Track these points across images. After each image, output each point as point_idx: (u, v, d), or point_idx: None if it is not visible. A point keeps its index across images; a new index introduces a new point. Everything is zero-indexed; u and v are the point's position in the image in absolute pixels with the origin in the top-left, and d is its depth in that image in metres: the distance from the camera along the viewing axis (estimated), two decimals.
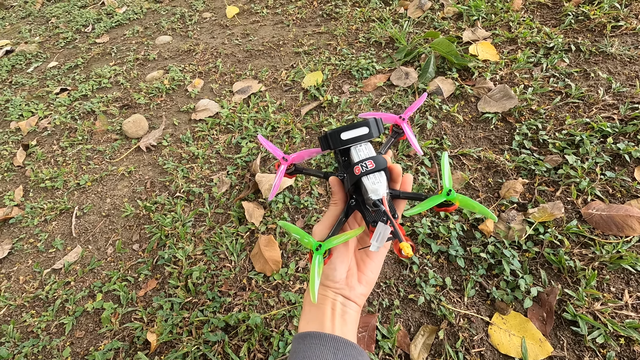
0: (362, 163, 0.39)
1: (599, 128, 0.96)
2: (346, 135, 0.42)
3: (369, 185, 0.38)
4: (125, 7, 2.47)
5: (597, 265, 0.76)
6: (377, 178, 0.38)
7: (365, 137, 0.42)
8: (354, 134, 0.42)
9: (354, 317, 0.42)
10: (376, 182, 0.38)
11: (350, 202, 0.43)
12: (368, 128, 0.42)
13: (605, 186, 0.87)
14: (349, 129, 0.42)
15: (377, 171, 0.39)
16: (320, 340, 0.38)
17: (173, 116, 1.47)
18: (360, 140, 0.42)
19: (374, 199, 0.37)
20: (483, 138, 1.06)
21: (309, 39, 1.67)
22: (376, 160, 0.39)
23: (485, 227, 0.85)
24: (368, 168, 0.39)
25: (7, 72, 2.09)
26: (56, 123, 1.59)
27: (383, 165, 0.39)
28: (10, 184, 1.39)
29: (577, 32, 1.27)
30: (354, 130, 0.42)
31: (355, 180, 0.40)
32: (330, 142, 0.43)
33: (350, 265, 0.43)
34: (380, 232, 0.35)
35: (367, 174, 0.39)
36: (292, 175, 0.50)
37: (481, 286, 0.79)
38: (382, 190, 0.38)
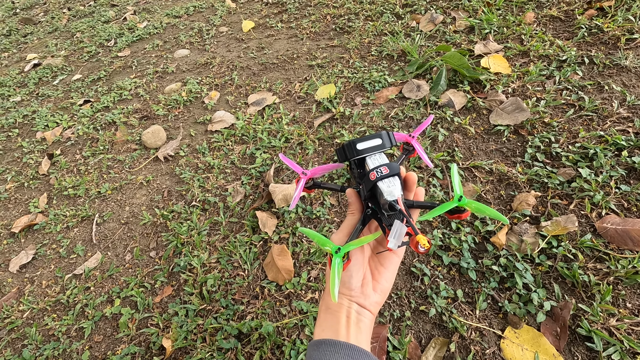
0: (377, 169, 0.43)
1: (613, 141, 0.96)
2: (362, 145, 0.46)
3: (384, 188, 0.41)
4: (145, 22, 2.57)
5: (612, 280, 0.75)
6: (392, 182, 0.41)
7: (379, 147, 0.46)
8: (369, 144, 0.46)
9: (368, 325, 0.42)
10: (391, 185, 0.41)
11: (367, 211, 0.46)
12: (381, 139, 0.46)
13: (620, 200, 0.86)
14: (363, 140, 0.46)
15: (392, 176, 0.42)
16: (335, 347, 0.39)
17: (190, 127, 1.52)
18: (374, 151, 0.46)
19: (390, 200, 0.40)
20: (495, 150, 1.07)
21: (322, 52, 1.71)
22: (390, 166, 0.43)
23: (497, 240, 0.85)
24: (383, 173, 0.42)
25: (34, 84, 2.20)
26: (79, 133, 1.66)
27: (396, 170, 0.42)
28: (35, 192, 1.45)
29: (590, 44, 1.27)
30: (369, 141, 0.46)
31: (371, 186, 0.43)
32: (347, 153, 0.46)
33: (365, 273, 0.44)
34: (397, 229, 0.37)
35: (382, 178, 0.42)
36: (311, 190, 0.53)
37: (493, 299, 0.79)
38: (397, 192, 0.40)
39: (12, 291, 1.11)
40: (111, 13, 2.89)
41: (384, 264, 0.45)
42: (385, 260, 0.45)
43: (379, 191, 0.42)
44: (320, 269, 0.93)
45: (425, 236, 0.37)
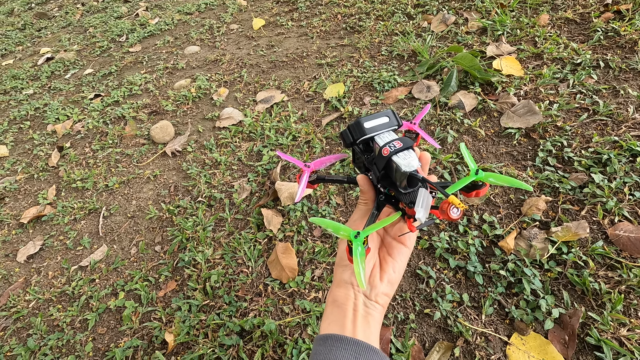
0: (390, 144, 0.39)
1: (628, 147, 0.93)
2: (369, 124, 0.42)
3: (400, 162, 0.37)
4: (157, 18, 2.59)
5: (624, 289, 0.73)
6: (408, 154, 0.38)
7: (387, 125, 0.43)
8: (376, 122, 0.42)
9: (377, 319, 0.40)
10: (408, 157, 0.38)
11: (380, 197, 0.43)
12: (388, 117, 0.43)
13: (634, 207, 0.84)
14: (370, 118, 0.42)
15: (406, 149, 0.39)
16: (342, 343, 0.38)
17: (198, 123, 1.53)
18: (382, 129, 0.42)
19: (409, 171, 0.37)
20: (505, 153, 1.05)
21: (332, 51, 1.70)
22: (403, 140, 0.40)
23: (505, 244, 0.84)
24: (397, 147, 0.39)
25: (47, 77, 2.23)
26: (89, 127, 1.67)
27: (410, 143, 0.39)
28: (45, 183, 1.47)
29: (606, 48, 1.24)
30: (375, 119, 0.43)
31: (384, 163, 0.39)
32: (353, 134, 0.43)
33: (375, 264, 0.43)
34: (423, 198, 0.34)
35: (396, 152, 0.38)
36: (315, 185, 0.50)
37: (500, 304, 0.77)
38: (416, 163, 0.37)
39: (19, 281, 1.12)
40: (124, 9, 2.92)
41: (392, 254, 0.43)
42: (394, 251, 0.43)
43: (395, 166, 0.38)
44: (325, 268, 0.92)
45: None
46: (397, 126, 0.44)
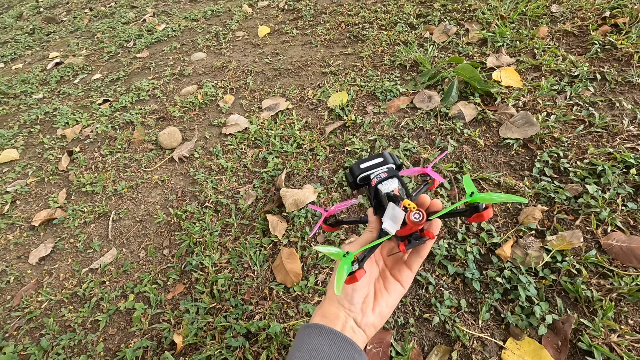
0: (377, 175, 0.47)
1: (622, 159, 0.97)
2: (364, 164, 0.50)
3: (383, 188, 0.45)
4: (164, 24, 2.64)
5: (615, 296, 0.76)
6: (390, 181, 0.46)
7: (381, 164, 0.50)
8: (371, 162, 0.50)
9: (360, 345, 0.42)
10: (388, 183, 0.45)
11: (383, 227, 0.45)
12: (382, 157, 0.51)
13: (626, 217, 0.87)
14: (365, 160, 0.51)
15: (390, 178, 0.46)
16: (321, 331, 0.41)
17: (205, 129, 1.57)
18: (377, 168, 0.49)
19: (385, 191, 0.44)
20: (503, 163, 1.08)
21: (335, 59, 1.74)
22: (389, 171, 0.48)
23: (502, 252, 0.87)
24: (381, 177, 0.47)
25: (56, 82, 2.28)
26: (98, 132, 1.71)
27: (394, 174, 0.47)
28: (55, 187, 1.51)
29: (603, 61, 1.28)
30: (371, 160, 0.50)
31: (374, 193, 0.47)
32: (353, 173, 0.50)
33: (369, 293, 0.45)
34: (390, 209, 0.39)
35: (381, 181, 0.46)
36: (335, 228, 0.55)
37: (496, 310, 0.80)
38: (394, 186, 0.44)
39: (32, 282, 1.16)
40: (131, 14, 2.97)
41: (388, 289, 0.45)
42: (390, 287, 0.45)
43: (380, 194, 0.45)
44: (328, 273, 0.96)
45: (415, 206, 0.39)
46: (394, 164, 0.50)
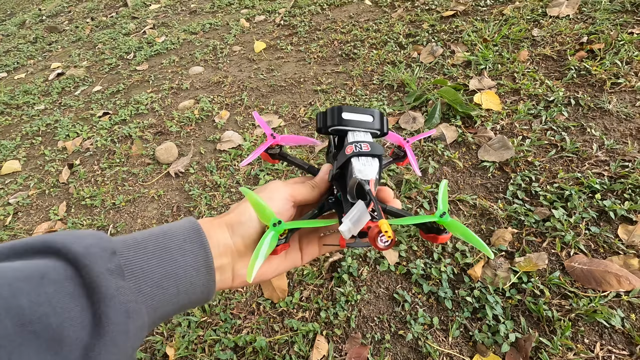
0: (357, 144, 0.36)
1: (588, 184, 1.03)
2: (348, 115, 0.39)
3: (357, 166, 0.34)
4: (164, 36, 2.71)
5: (574, 316, 0.82)
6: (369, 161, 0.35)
7: (367, 125, 0.39)
8: (357, 117, 0.39)
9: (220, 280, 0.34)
10: (367, 164, 0.35)
11: (329, 198, 0.39)
12: (372, 117, 0.40)
13: (588, 241, 0.94)
14: (352, 110, 0.39)
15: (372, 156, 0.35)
16: (196, 242, 0.32)
17: (200, 145, 1.63)
18: (360, 127, 0.39)
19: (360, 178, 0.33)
20: (480, 185, 1.15)
21: (327, 77, 1.81)
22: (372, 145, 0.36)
23: (473, 272, 0.93)
24: (362, 149, 0.35)
25: (57, 93, 2.34)
26: (98, 145, 1.78)
27: (379, 152, 0.36)
28: (56, 199, 1.57)
29: (578, 86, 1.35)
30: (358, 114, 0.39)
31: (343, 161, 0.36)
32: (328, 118, 0.39)
33: None
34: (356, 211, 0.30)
35: (359, 155, 0.35)
36: (275, 160, 0.47)
37: (465, 328, 0.87)
38: (372, 174, 0.34)
39: None
40: (131, 26, 3.04)
41: (286, 254, 0.39)
42: (290, 253, 0.39)
43: (350, 169, 0.35)
44: (312, 290, 1.02)
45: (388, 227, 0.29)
46: (379, 131, 0.40)
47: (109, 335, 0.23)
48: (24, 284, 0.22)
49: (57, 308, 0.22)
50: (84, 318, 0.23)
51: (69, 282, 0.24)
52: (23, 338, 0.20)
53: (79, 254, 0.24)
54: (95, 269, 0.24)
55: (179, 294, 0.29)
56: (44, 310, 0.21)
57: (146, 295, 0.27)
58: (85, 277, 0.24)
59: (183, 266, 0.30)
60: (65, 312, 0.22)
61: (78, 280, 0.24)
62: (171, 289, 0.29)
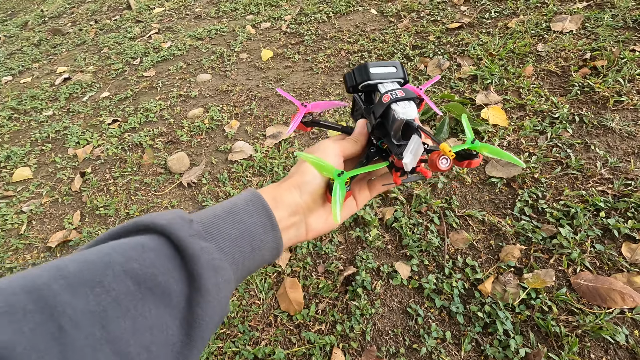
0: (392, 91, 0.39)
1: (593, 202, 1.08)
2: (375, 70, 0.42)
3: (399, 110, 0.37)
4: (170, 42, 2.73)
5: (580, 332, 0.87)
6: (408, 104, 0.38)
7: (393, 75, 0.43)
8: (383, 70, 0.43)
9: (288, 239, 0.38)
10: (407, 107, 0.38)
11: (371, 149, 0.43)
12: (395, 67, 0.43)
13: (594, 258, 0.98)
14: (377, 65, 0.43)
15: (407, 99, 0.38)
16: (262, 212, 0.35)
17: (212, 155, 1.66)
18: (387, 78, 0.43)
19: (405, 118, 0.37)
20: (488, 201, 1.19)
21: (335, 88, 1.84)
22: (406, 91, 0.39)
23: (484, 288, 0.97)
24: (398, 96, 0.38)
25: (65, 99, 2.36)
26: (108, 153, 1.80)
27: (413, 95, 0.39)
28: (69, 208, 1.59)
29: (582, 102, 1.39)
30: (383, 67, 0.43)
31: (383, 110, 0.39)
32: (356, 76, 0.43)
33: None
34: (414, 144, 0.34)
35: (396, 100, 0.38)
36: (308, 127, 0.49)
37: (477, 342, 0.91)
38: (414, 113, 0.37)
39: None
40: (136, 29, 3.06)
41: None
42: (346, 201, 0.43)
43: (392, 115, 0.38)
44: (327, 303, 1.06)
45: None
46: (403, 80, 0.44)
47: (203, 288, 0.28)
48: (132, 252, 0.26)
49: (161, 268, 0.27)
50: (182, 275, 0.28)
51: (163, 247, 0.28)
52: (142, 294, 0.25)
53: (165, 226, 0.29)
54: (180, 234, 0.28)
55: (254, 250, 0.34)
56: (152, 271, 0.26)
57: (227, 253, 0.31)
58: (174, 241, 0.28)
59: (252, 225, 0.34)
60: (167, 272, 0.27)
61: (170, 244, 0.28)
62: (246, 246, 0.33)
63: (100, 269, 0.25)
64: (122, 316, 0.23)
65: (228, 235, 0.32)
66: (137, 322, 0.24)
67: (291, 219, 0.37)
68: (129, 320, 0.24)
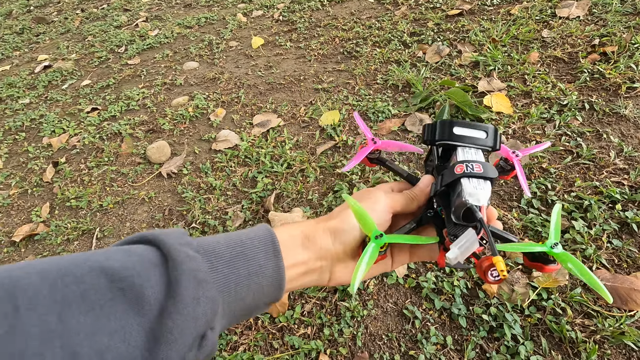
0: (468, 163, 0.34)
1: (608, 193, 0.98)
2: (460, 130, 0.37)
3: (468, 188, 0.32)
4: (157, 30, 2.61)
5: (599, 338, 0.76)
6: (481, 184, 0.32)
7: (480, 142, 0.37)
8: (469, 133, 0.37)
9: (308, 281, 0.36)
10: (479, 188, 0.32)
11: (429, 212, 0.38)
12: (486, 133, 0.37)
13: (611, 255, 0.88)
14: (465, 125, 0.37)
15: (484, 178, 0.33)
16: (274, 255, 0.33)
17: (194, 144, 1.54)
18: (472, 143, 0.37)
19: (471, 203, 0.31)
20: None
21: (328, 76, 1.74)
22: (485, 167, 0.33)
23: (488, 287, 0.87)
24: (474, 171, 0.33)
25: (43, 87, 2.23)
26: (85, 142, 1.68)
27: (493, 175, 0.33)
28: (39, 200, 1.47)
29: (591, 89, 1.29)
30: (471, 129, 0.37)
31: (451, 181, 0.34)
32: (437, 131, 0.38)
33: None
34: (467, 239, 0.29)
35: (470, 176, 0.33)
36: (374, 164, 0.46)
37: (482, 349, 0.80)
38: (484, 199, 0.31)
39: None
40: (123, 18, 2.93)
41: None
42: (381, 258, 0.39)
43: (460, 189, 0.33)
44: (314, 304, 0.95)
45: None
46: (492, 148, 0.38)
47: (179, 296, 0.25)
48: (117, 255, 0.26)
49: (141, 272, 0.25)
50: (161, 282, 0.26)
51: (150, 254, 0.27)
52: (113, 293, 0.24)
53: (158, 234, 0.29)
54: (169, 242, 0.28)
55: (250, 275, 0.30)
56: (130, 273, 0.25)
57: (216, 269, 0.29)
58: (163, 249, 0.28)
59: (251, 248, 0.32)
60: (145, 275, 0.25)
61: (158, 252, 0.28)
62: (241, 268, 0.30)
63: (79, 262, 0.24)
64: (84, 312, 0.22)
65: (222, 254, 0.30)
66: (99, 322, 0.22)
67: (317, 263, 0.36)
68: (90, 318, 0.22)
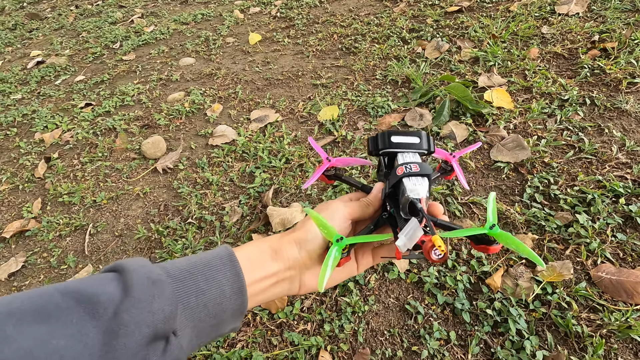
0: (407, 165, 0.39)
1: (611, 187, 0.97)
2: (397, 138, 0.42)
3: (409, 186, 0.37)
4: (152, 26, 2.58)
5: (605, 332, 0.75)
6: (419, 181, 0.37)
7: (415, 146, 0.42)
8: (405, 140, 0.42)
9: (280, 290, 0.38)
10: (417, 184, 0.37)
11: (383, 214, 0.42)
12: (419, 139, 0.43)
13: (616, 249, 0.87)
14: (400, 134, 0.43)
15: (421, 175, 0.38)
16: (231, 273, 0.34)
17: (191, 139, 1.52)
18: (409, 148, 0.42)
19: (412, 197, 0.36)
20: (494, 187, 1.07)
21: (327, 71, 1.72)
22: (421, 166, 0.39)
23: (492, 282, 0.85)
24: (412, 170, 0.38)
25: (36, 82, 2.19)
26: (78, 137, 1.65)
27: (428, 171, 0.38)
28: (30, 196, 1.43)
29: (592, 85, 1.29)
30: (406, 136, 0.43)
31: (395, 182, 0.39)
32: (379, 142, 0.43)
33: None
34: (412, 227, 0.33)
35: (409, 175, 0.38)
36: (331, 180, 0.50)
37: (486, 344, 0.78)
38: (423, 193, 0.36)
39: None
40: (119, 14, 2.90)
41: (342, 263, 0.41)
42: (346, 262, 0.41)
43: (403, 188, 0.38)
44: (314, 299, 0.92)
45: None
46: (427, 151, 0.43)
47: (134, 293, 0.27)
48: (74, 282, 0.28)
49: (95, 285, 0.27)
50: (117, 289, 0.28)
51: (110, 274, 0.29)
52: (68, 304, 0.25)
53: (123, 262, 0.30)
54: (127, 263, 0.30)
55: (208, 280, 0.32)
56: (85, 287, 0.27)
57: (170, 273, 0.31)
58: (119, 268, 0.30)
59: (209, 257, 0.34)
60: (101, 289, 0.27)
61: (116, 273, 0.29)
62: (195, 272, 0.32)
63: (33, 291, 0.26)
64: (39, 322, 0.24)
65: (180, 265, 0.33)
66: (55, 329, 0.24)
67: (287, 273, 0.38)
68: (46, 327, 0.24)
